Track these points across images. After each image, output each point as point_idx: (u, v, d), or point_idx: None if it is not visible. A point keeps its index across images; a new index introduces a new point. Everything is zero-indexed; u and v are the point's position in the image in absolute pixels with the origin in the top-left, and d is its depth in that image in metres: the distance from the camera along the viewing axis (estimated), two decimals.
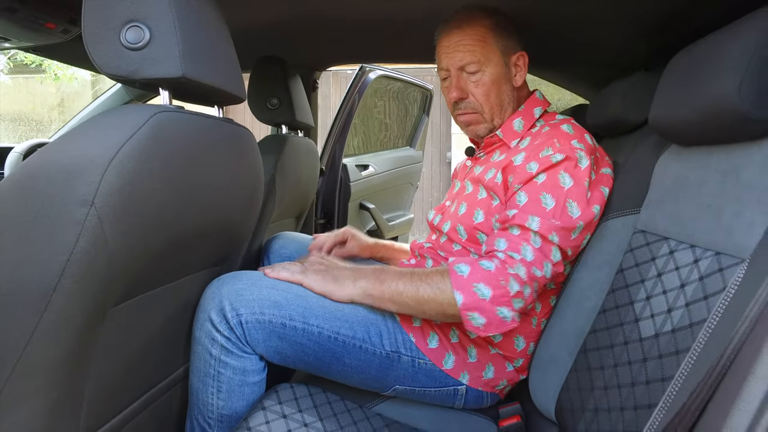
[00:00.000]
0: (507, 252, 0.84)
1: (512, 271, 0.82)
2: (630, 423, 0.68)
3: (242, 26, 1.27)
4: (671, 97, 0.76)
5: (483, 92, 1.00)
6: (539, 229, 0.85)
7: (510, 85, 1.03)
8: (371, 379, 0.94)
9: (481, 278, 0.82)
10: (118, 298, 0.64)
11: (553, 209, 0.86)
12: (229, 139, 0.81)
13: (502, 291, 0.81)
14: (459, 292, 0.82)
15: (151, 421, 0.84)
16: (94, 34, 0.64)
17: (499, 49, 1.00)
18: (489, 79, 1.00)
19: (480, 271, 0.82)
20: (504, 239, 0.86)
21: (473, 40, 0.99)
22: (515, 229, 0.86)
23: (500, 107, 1.02)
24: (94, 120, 0.59)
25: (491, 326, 0.82)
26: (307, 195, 1.67)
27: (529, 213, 0.86)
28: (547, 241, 0.85)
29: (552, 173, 0.88)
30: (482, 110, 1.02)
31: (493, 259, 0.84)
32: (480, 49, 0.99)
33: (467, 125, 1.06)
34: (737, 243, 0.60)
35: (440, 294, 0.84)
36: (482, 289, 0.81)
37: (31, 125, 6.66)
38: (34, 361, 0.54)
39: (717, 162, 0.70)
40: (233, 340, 0.86)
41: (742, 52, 0.60)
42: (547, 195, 0.87)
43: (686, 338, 0.63)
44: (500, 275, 0.81)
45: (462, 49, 0.99)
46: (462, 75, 1.01)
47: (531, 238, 0.85)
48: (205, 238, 0.79)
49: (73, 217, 0.53)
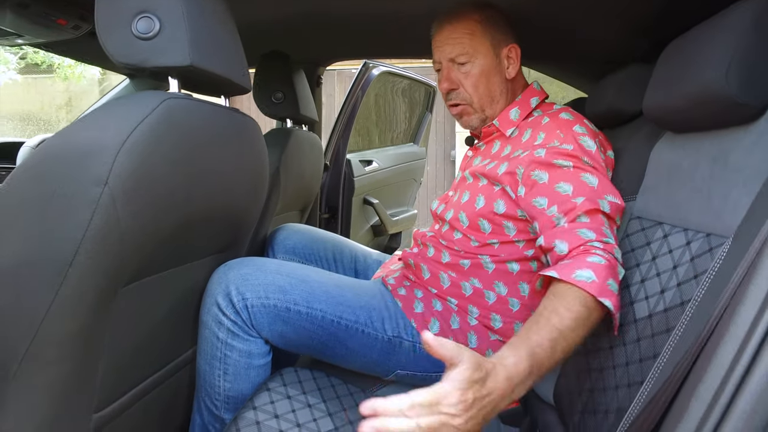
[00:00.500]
0: (601, 239, 0.78)
1: (615, 257, 0.78)
2: (623, 399, 0.70)
3: (247, 22, 1.30)
4: (663, 86, 0.78)
5: (472, 83, 1.03)
6: (610, 211, 0.83)
7: (501, 77, 1.05)
8: (373, 363, 0.97)
9: (607, 274, 0.74)
10: (129, 277, 0.67)
11: (600, 185, 0.85)
12: (235, 127, 0.84)
13: (618, 276, 0.76)
14: (605, 298, 0.72)
15: (159, 402, 0.87)
16: (107, 25, 0.67)
17: (488, 42, 1.02)
18: (478, 70, 1.02)
19: (601, 268, 0.74)
20: (586, 228, 0.80)
21: (462, 33, 1.02)
22: (584, 216, 0.82)
23: (490, 98, 1.04)
24: (107, 105, 0.62)
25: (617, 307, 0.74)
26: (311, 188, 1.69)
27: (595, 196, 0.83)
28: (613, 222, 0.84)
29: (574, 160, 0.87)
30: (471, 101, 1.04)
31: (594, 252, 0.76)
32: (468, 41, 1.01)
33: (459, 116, 1.09)
34: (725, 223, 0.62)
35: (591, 321, 0.72)
36: (613, 284, 0.74)
37: (39, 125, 6.74)
38: (51, 332, 0.57)
39: (708, 147, 0.72)
40: (239, 323, 0.89)
41: (728, 40, 0.62)
42: (586, 174, 0.86)
43: (677, 316, 0.65)
44: (613, 264, 0.76)
45: (451, 42, 1.02)
46: (453, 67, 1.04)
47: (604, 221, 0.82)
48: (211, 222, 0.82)
49: (88, 196, 0.56)
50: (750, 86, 0.61)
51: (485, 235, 0.97)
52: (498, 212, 0.95)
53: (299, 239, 1.34)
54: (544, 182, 0.87)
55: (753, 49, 0.61)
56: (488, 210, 0.97)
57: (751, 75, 0.61)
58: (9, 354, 0.57)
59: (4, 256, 0.56)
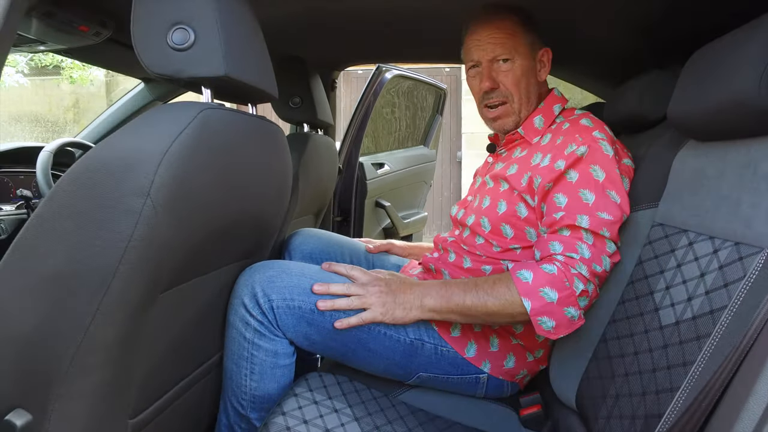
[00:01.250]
0: (565, 254, 0.85)
1: (574, 271, 0.83)
2: (652, 406, 0.70)
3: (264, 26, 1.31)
4: (691, 93, 0.79)
5: (513, 82, 1.03)
6: (589, 226, 0.86)
7: (535, 80, 1.06)
8: (395, 365, 0.98)
9: (546, 282, 0.83)
10: (166, 285, 0.68)
11: (596, 202, 0.88)
12: (264, 135, 0.85)
13: (568, 292, 0.83)
14: (527, 298, 0.84)
15: (187, 406, 0.88)
16: (143, 36, 0.68)
17: (527, 43, 1.04)
18: (519, 70, 1.03)
19: (544, 275, 0.84)
20: (557, 242, 0.87)
21: (504, 33, 1.02)
22: (565, 230, 0.88)
23: (528, 99, 1.05)
24: (146, 117, 0.63)
25: (561, 327, 0.84)
26: (326, 192, 1.71)
27: (576, 212, 0.87)
28: (599, 236, 0.86)
29: (582, 168, 0.90)
30: (512, 100, 1.04)
31: (554, 263, 0.85)
32: (510, 41, 1.02)
33: (495, 119, 1.08)
34: (756, 232, 0.63)
35: (508, 305, 0.86)
36: (549, 293, 0.83)
37: (47, 126, 6.79)
38: (95, 339, 0.58)
39: (735, 155, 0.72)
40: (265, 323, 0.90)
41: (761, 49, 0.62)
42: (585, 191, 0.89)
43: (707, 324, 0.66)
44: (564, 276, 0.83)
45: (493, 41, 1.02)
46: (494, 66, 1.04)
47: (584, 236, 0.86)
48: (241, 229, 0.83)
49: (131, 207, 0.57)
50: None
51: (507, 240, 0.98)
52: (521, 216, 0.96)
53: (316, 244, 1.35)
54: (549, 190, 0.92)
55: None
56: (511, 214, 0.98)
57: None
58: (54, 361, 0.58)
59: (50, 266, 0.57)
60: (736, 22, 0.73)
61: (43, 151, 1.57)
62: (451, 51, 1.13)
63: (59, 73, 6.11)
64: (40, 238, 0.57)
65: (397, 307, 0.92)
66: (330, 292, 0.93)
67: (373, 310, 0.92)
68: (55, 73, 6.19)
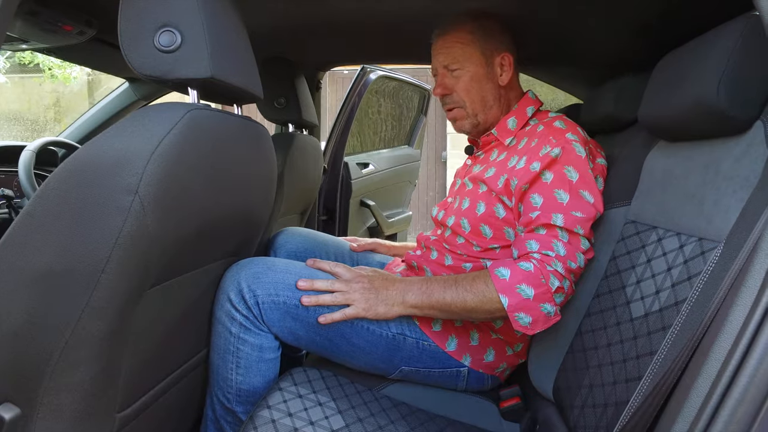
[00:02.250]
0: (541, 251, 0.88)
1: (550, 268, 0.86)
2: (621, 394, 0.74)
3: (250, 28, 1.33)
4: (658, 97, 0.83)
5: (463, 88, 1.08)
6: (564, 224, 0.89)
7: (493, 84, 1.09)
8: (378, 359, 1.00)
9: (523, 279, 0.86)
10: (153, 281, 0.70)
11: (570, 202, 0.91)
12: (249, 135, 0.87)
13: (544, 288, 0.86)
14: (504, 295, 0.87)
15: (175, 401, 0.89)
16: (131, 38, 0.69)
17: (478, 51, 1.08)
18: (468, 77, 1.08)
19: (520, 273, 0.87)
20: (534, 240, 0.90)
21: (453, 42, 1.08)
22: (541, 228, 0.91)
23: (482, 104, 1.09)
24: (134, 117, 0.65)
25: (537, 323, 0.87)
26: (311, 191, 1.72)
27: (551, 211, 0.91)
28: (574, 234, 0.90)
29: (557, 169, 0.93)
30: (464, 105, 1.10)
31: (530, 260, 0.88)
32: (460, 50, 1.08)
33: (454, 121, 1.14)
34: (716, 228, 0.67)
35: (486, 302, 0.89)
36: (525, 290, 0.86)
37: (27, 125, 6.67)
38: (83, 335, 0.59)
39: (700, 155, 0.76)
40: (251, 318, 0.92)
41: (720, 56, 0.66)
42: (560, 191, 0.92)
43: (672, 315, 0.69)
44: (540, 274, 0.86)
45: (444, 50, 1.09)
46: (446, 73, 1.10)
47: (559, 234, 0.89)
48: (228, 226, 0.85)
49: (120, 204, 0.58)
50: (739, 100, 0.65)
51: (487, 240, 1.01)
52: (499, 217, 0.99)
53: (301, 242, 1.37)
54: (526, 191, 0.96)
55: (741, 66, 0.65)
56: (489, 215, 1.01)
57: (739, 90, 0.65)
58: (43, 355, 0.59)
59: (38, 262, 0.58)
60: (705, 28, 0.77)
61: (26, 151, 1.56)
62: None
63: (40, 71, 6.01)
64: (30, 235, 0.58)
65: (379, 303, 0.95)
66: (314, 288, 0.95)
67: (356, 306, 0.95)
68: (36, 71, 6.08)
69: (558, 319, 0.89)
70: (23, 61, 5.85)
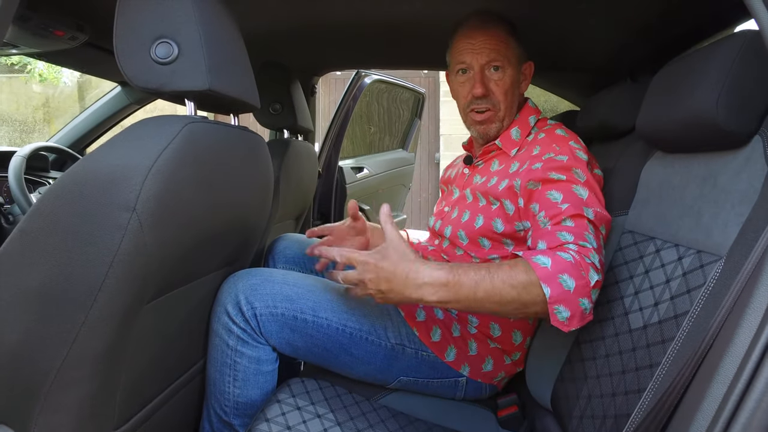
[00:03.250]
0: (578, 242, 0.81)
1: (588, 261, 0.80)
2: (621, 406, 0.74)
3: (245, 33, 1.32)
4: (656, 108, 0.83)
5: (503, 90, 1.04)
6: (594, 218, 0.85)
7: (519, 91, 1.09)
8: (377, 370, 1.00)
9: (565, 269, 0.78)
10: (151, 296, 0.69)
11: (589, 198, 0.87)
12: (246, 146, 0.86)
13: (584, 282, 0.78)
14: (546, 284, 0.77)
15: (171, 414, 0.88)
16: (126, 50, 0.68)
17: (517, 54, 1.06)
18: (509, 79, 1.04)
19: (562, 262, 0.78)
20: (566, 231, 0.83)
21: (498, 41, 1.03)
22: (569, 221, 0.84)
23: (511, 109, 1.07)
24: (131, 130, 0.64)
25: (574, 319, 0.78)
26: (306, 197, 1.72)
27: (579, 204, 0.85)
28: (599, 231, 0.86)
29: (567, 171, 0.90)
30: (499, 108, 1.05)
31: (568, 251, 0.80)
32: (504, 50, 1.03)
33: (480, 124, 1.07)
34: (715, 242, 0.67)
35: (525, 294, 0.78)
36: (567, 280, 0.77)
37: (15, 126, 6.57)
38: (81, 353, 0.58)
39: (697, 168, 0.76)
40: (248, 331, 0.91)
41: (719, 71, 0.67)
42: (578, 186, 0.88)
43: (671, 328, 0.70)
44: (580, 266, 0.79)
45: (489, 46, 1.03)
46: (485, 71, 1.04)
47: (589, 228, 0.84)
48: (225, 238, 0.84)
49: (117, 221, 0.57)
50: (737, 115, 0.65)
51: (485, 251, 1.01)
52: (497, 231, 0.99)
53: (299, 249, 1.36)
54: (538, 189, 0.91)
55: (740, 81, 0.66)
56: (487, 228, 1.00)
57: (738, 105, 0.65)
58: (40, 375, 0.58)
59: (34, 280, 0.57)
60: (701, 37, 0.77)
61: (16, 156, 1.53)
62: (430, 57, 1.16)
63: (28, 71, 5.93)
64: (25, 252, 0.57)
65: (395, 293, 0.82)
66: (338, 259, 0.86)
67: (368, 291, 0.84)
68: (23, 71, 6.00)
69: (591, 319, 0.81)
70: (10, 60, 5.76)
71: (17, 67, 5.92)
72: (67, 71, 5.86)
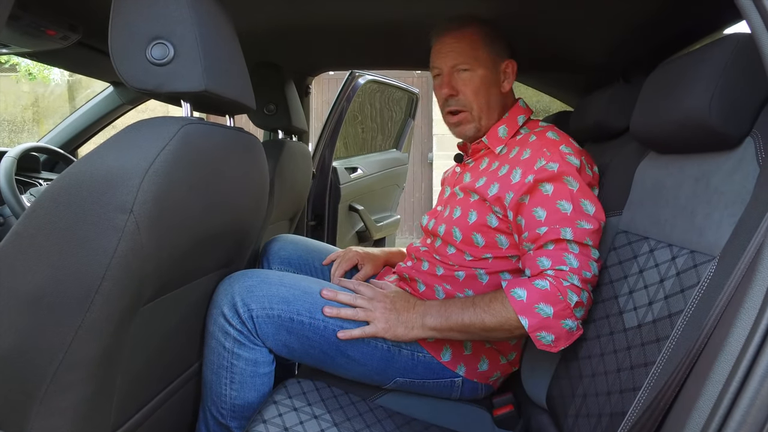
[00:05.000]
0: (554, 267, 0.87)
1: (566, 283, 0.85)
2: (616, 404, 0.75)
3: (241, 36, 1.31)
4: (650, 109, 0.84)
5: (472, 91, 1.06)
6: (574, 237, 0.88)
7: (497, 90, 1.09)
8: (373, 371, 1.00)
9: (540, 298, 0.85)
10: (147, 298, 0.68)
11: (573, 212, 0.90)
12: (241, 147, 0.86)
13: (563, 305, 0.84)
14: (523, 316, 0.85)
15: (167, 416, 0.88)
16: (121, 51, 0.68)
17: (489, 54, 1.07)
18: (479, 80, 1.06)
19: (537, 292, 0.85)
20: (544, 257, 0.89)
21: (465, 43, 1.06)
22: (550, 244, 0.89)
23: (487, 108, 1.08)
24: (127, 132, 0.63)
25: (560, 341, 0.85)
26: (301, 197, 1.71)
27: (558, 225, 0.89)
28: (583, 245, 0.89)
29: (556, 181, 0.92)
30: (471, 108, 1.07)
31: (545, 278, 0.86)
32: (470, 51, 1.05)
33: (456, 125, 1.10)
34: (708, 242, 0.68)
35: (506, 322, 0.88)
36: (544, 309, 0.84)
37: (3, 125, 6.49)
38: (78, 356, 0.58)
39: (690, 168, 0.77)
40: (245, 333, 0.91)
41: (712, 73, 0.68)
42: (562, 201, 0.91)
43: (665, 327, 0.70)
44: (557, 291, 0.84)
45: (454, 50, 1.06)
46: (454, 74, 1.07)
47: (569, 247, 0.88)
48: (221, 239, 0.84)
49: (114, 223, 0.57)
50: (730, 117, 0.66)
51: (479, 249, 1.01)
52: (492, 225, 0.99)
53: (294, 250, 1.36)
54: (525, 203, 0.94)
55: (733, 83, 0.67)
56: (481, 223, 1.00)
57: (731, 106, 0.66)
58: (36, 378, 0.58)
59: (30, 283, 0.57)
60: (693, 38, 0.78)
61: (6, 157, 1.52)
62: (424, 58, 1.16)
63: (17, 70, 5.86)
64: (20, 255, 0.57)
65: (399, 325, 0.95)
66: (338, 300, 0.96)
67: (375, 324, 0.95)
68: (13, 69, 5.93)
69: (581, 333, 0.87)
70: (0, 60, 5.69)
71: (7, 66, 5.84)
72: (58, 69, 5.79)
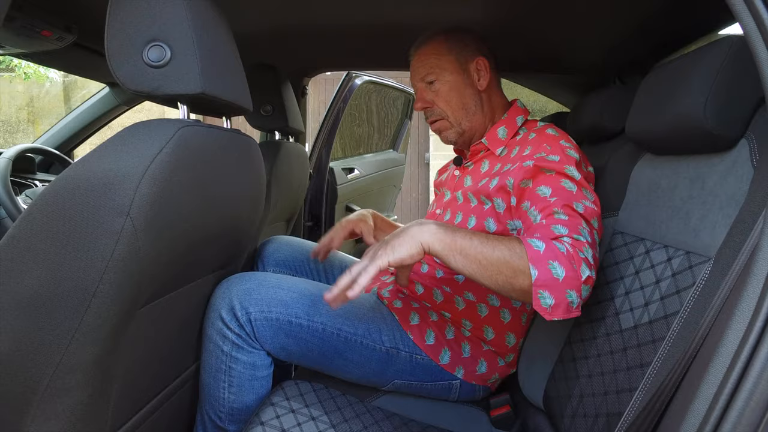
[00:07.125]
0: (572, 236, 0.81)
1: (582, 255, 0.79)
2: (613, 405, 0.75)
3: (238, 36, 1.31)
4: (646, 111, 0.84)
5: (443, 99, 1.08)
6: (584, 212, 0.85)
7: (473, 90, 1.09)
8: (371, 373, 1.00)
9: (555, 257, 0.77)
10: (144, 301, 0.68)
11: (578, 192, 0.87)
12: (239, 148, 0.86)
13: (575, 274, 0.77)
14: (534, 266, 0.77)
15: (164, 419, 0.88)
16: (118, 53, 0.68)
17: (453, 58, 1.08)
18: (447, 87, 1.08)
19: (554, 250, 0.78)
20: (560, 225, 0.82)
21: (428, 55, 1.09)
22: (562, 214, 0.84)
23: (464, 112, 1.09)
24: (125, 134, 0.63)
25: (558, 309, 0.77)
26: (297, 199, 1.71)
27: (568, 198, 0.85)
28: (591, 226, 0.85)
29: (557, 169, 0.90)
30: (446, 115, 1.09)
31: (563, 243, 0.80)
32: (434, 60, 1.08)
33: (439, 132, 1.13)
34: (704, 243, 0.68)
35: (516, 259, 0.78)
36: (557, 268, 0.77)
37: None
38: (74, 360, 0.58)
39: (686, 170, 0.78)
40: (243, 336, 0.91)
41: (707, 75, 0.68)
42: (567, 180, 0.88)
43: (662, 328, 0.71)
44: (573, 258, 0.78)
45: (420, 64, 1.09)
46: (425, 87, 1.10)
47: (582, 222, 0.84)
48: (218, 242, 0.84)
49: (111, 226, 0.57)
50: (725, 119, 0.67)
51: None
52: (489, 231, 0.99)
53: (289, 252, 1.36)
54: (529, 187, 0.91)
55: (728, 85, 0.67)
56: (480, 229, 1.00)
57: (725, 109, 0.67)
58: (32, 383, 0.57)
59: (26, 287, 0.56)
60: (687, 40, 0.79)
61: (1, 158, 1.51)
62: None
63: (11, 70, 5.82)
64: (16, 259, 0.57)
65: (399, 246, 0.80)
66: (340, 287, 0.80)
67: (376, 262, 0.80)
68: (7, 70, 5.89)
69: (578, 314, 0.80)
70: None
71: (2, 67, 5.81)
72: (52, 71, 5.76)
